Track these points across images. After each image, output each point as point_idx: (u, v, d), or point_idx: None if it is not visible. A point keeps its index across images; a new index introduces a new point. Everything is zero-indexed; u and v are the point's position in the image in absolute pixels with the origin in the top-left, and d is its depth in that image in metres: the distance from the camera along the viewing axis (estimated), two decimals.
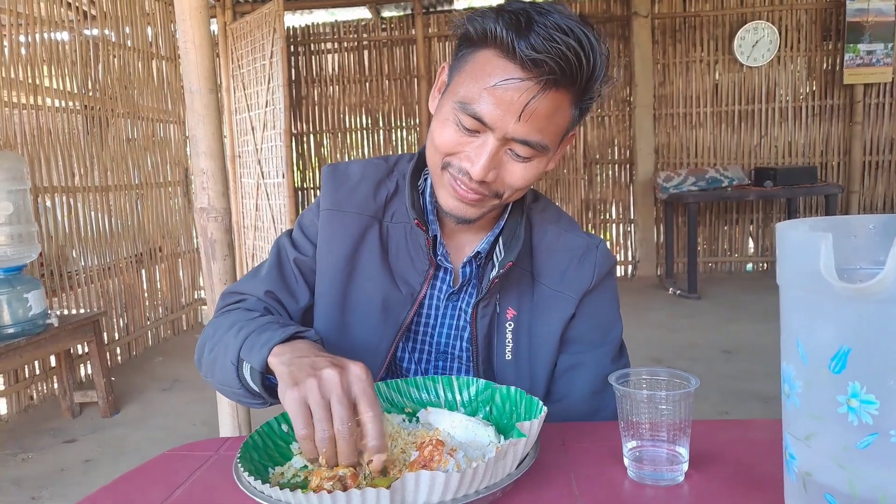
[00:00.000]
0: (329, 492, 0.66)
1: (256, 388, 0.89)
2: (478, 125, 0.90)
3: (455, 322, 1.09)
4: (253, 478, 0.71)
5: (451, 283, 1.08)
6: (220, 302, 1.12)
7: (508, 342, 1.05)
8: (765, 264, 6.66)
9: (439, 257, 1.06)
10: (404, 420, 0.92)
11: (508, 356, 1.05)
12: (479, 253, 1.05)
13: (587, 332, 1.08)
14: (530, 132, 0.89)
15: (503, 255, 1.02)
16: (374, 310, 1.07)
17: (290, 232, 1.15)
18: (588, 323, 1.07)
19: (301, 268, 1.11)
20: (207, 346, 1.01)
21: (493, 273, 1.01)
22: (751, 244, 6.73)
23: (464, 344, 1.08)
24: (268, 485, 0.69)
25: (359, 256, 1.08)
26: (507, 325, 1.05)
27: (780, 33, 6.30)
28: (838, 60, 6.28)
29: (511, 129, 0.89)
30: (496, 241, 1.06)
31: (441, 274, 1.08)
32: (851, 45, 6.12)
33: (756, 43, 6.31)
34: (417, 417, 0.92)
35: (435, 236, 1.05)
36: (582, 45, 0.85)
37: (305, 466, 0.82)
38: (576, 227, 1.12)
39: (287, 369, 0.79)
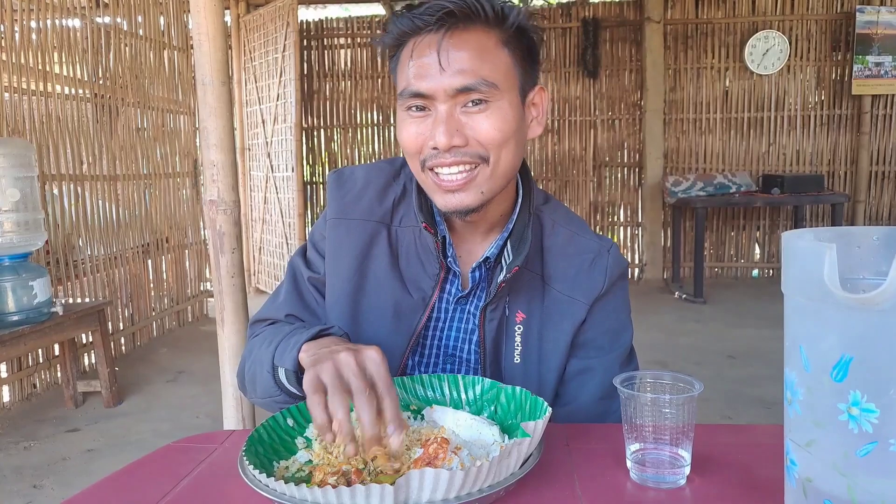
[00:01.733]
0: (333, 486, 0.67)
1: (295, 390, 0.92)
2: (422, 101, 0.92)
3: (464, 325, 1.08)
4: (258, 471, 0.71)
5: (460, 287, 1.08)
6: (249, 331, 1.15)
7: (517, 345, 1.05)
8: (771, 270, 6.65)
9: (449, 259, 1.05)
10: (409, 417, 0.93)
11: (517, 359, 1.05)
12: (488, 258, 1.04)
13: (597, 337, 1.07)
14: (465, 76, 0.90)
15: (511, 258, 1.01)
16: (386, 317, 1.06)
17: (303, 250, 1.16)
18: (599, 328, 1.07)
19: (317, 286, 1.12)
20: (247, 367, 1.04)
21: (501, 277, 1.00)
22: (757, 250, 6.73)
23: (472, 347, 1.08)
24: (272, 478, 0.70)
25: (368, 264, 1.08)
26: (516, 328, 1.05)
27: (790, 43, 6.30)
28: (847, 71, 6.29)
29: (445, 83, 0.90)
30: (505, 244, 1.05)
31: (451, 277, 1.08)
32: (860, 56, 6.14)
33: (766, 51, 6.31)
34: (422, 415, 0.93)
35: (444, 237, 1.04)
36: None
37: (310, 461, 0.82)
38: (587, 229, 1.12)
39: (311, 359, 0.83)
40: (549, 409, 0.81)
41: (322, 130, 7.02)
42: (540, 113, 1.02)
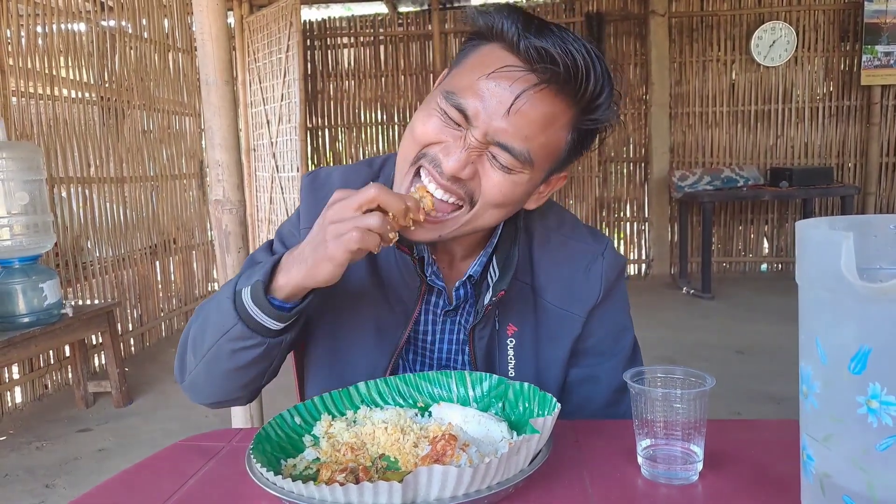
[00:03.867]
0: (342, 484, 0.66)
1: (259, 312, 0.85)
2: (460, 118, 0.85)
3: (455, 336, 1.05)
4: (265, 469, 0.71)
5: (447, 302, 1.03)
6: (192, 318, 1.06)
7: (511, 359, 1.01)
8: (779, 265, 6.61)
9: (430, 277, 1.00)
10: (416, 414, 0.92)
11: (511, 373, 1.02)
12: (471, 276, 1.00)
13: (598, 343, 1.04)
14: (515, 136, 0.83)
15: (497, 277, 0.97)
16: (368, 333, 1.02)
17: (269, 244, 1.10)
18: (598, 334, 1.04)
19: None
20: (193, 328, 0.97)
21: (487, 299, 0.96)
22: (765, 244, 6.68)
23: (465, 358, 1.05)
24: (280, 476, 0.69)
25: (347, 277, 0.99)
26: (507, 341, 1.01)
27: (797, 34, 6.24)
28: (856, 61, 6.22)
29: (495, 126, 0.83)
30: (490, 261, 1.00)
31: (435, 290, 1.03)
32: (869, 46, 6.07)
33: (773, 43, 6.26)
34: (430, 412, 0.92)
35: (422, 258, 0.99)
36: (590, 53, 0.82)
37: (318, 459, 0.82)
38: (578, 230, 1.07)
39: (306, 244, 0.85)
40: (559, 405, 0.80)
41: (326, 130, 7.02)
42: (547, 191, 0.97)
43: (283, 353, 0.94)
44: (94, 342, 4.15)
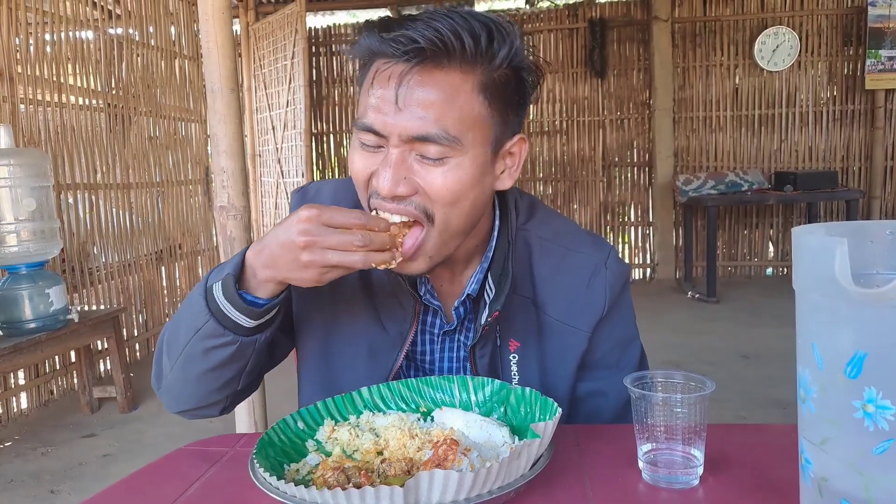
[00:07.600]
0: (331, 487, 0.67)
1: (230, 306, 0.84)
2: (374, 139, 0.83)
3: (455, 354, 1.03)
4: (269, 474, 0.71)
5: (445, 320, 1.00)
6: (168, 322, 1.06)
7: (514, 374, 0.99)
8: (784, 269, 6.59)
9: (424, 296, 0.98)
10: (419, 419, 0.93)
11: None
12: (469, 294, 0.97)
13: (604, 357, 1.02)
14: (424, 123, 0.79)
15: (493, 294, 0.94)
16: (360, 355, 0.99)
17: None
18: (605, 346, 1.01)
19: None
20: (168, 331, 0.95)
21: (484, 319, 0.94)
22: (770, 248, 6.67)
23: (468, 374, 1.02)
24: (283, 481, 0.70)
25: (338, 297, 0.99)
26: (510, 357, 0.98)
27: (800, 38, 6.24)
28: (859, 66, 6.22)
29: (400, 123, 0.80)
30: (486, 277, 0.97)
31: (431, 310, 1.00)
32: (873, 50, 6.07)
33: (777, 48, 6.26)
34: (432, 417, 0.93)
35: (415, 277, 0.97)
36: (460, 16, 0.79)
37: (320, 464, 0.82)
38: (578, 239, 1.02)
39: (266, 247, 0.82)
40: (560, 409, 0.81)
41: (331, 136, 7.04)
42: (515, 164, 0.91)
43: (258, 355, 0.92)
44: (100, 348, 4.17)
